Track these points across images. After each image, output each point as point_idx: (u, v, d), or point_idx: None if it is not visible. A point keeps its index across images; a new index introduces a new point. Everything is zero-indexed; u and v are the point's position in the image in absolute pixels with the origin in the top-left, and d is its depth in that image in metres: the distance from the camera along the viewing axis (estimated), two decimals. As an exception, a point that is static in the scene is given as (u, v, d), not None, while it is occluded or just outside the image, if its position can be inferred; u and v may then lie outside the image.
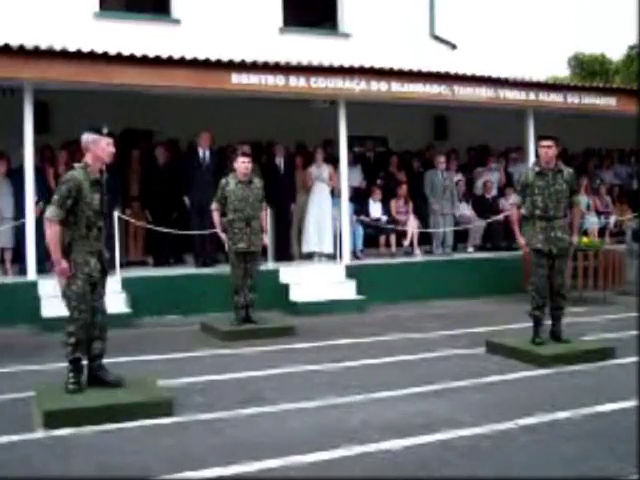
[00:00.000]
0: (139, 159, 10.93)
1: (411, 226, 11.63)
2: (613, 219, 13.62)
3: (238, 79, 9.64)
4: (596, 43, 52.95)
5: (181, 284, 9.80)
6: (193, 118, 10.83)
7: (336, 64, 10.17)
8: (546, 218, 6.96)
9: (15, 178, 9.54)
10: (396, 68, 10.51)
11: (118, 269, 9.36)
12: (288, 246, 11.44)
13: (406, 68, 10.59)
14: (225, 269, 8.96)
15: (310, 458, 4.31)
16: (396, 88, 10.55)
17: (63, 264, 5.23)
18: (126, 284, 9.31)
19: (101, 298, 5.51)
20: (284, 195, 11.09)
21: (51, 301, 8.40)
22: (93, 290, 5.40)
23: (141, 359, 6.99)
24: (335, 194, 11.24)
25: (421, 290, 10.86)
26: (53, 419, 4.88)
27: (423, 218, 11.90)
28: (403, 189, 11.91)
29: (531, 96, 11.55)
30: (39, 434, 4.78)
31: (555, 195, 6.93)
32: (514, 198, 7.33)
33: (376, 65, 10.39)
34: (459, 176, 12.74)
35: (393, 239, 11.60)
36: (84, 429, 4.83)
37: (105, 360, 5.61)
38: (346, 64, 10.21)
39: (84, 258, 5.33)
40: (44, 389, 5.41)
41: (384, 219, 11.67)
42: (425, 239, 12.01)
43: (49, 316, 8.34)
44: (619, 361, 6.77)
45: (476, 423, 4.94)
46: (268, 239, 9.29)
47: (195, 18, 13.42)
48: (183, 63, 9.31)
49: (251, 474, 4.11)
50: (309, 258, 11.32)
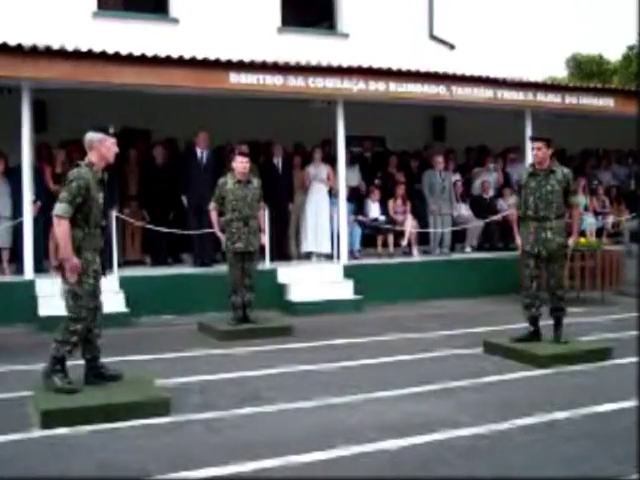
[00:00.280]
0: (137, 158, 10.92)
1: (409, 226, 11.62)
2: (611, 220, 13.63)
3: (236, 79, 9.63)
4: (594, 44, 53.12)
5: (179, 284, 9.79)
6: (191, 118, 10.81)
7: (334, 64, 10.16)
8: (537, 219, 6.97)
9: (13, 177, 9.51)
10: (394, 68, 10.51)
11: (116, 268, 9.36)
12: (286, 246, 11.43)
13: (404, 68, 10.58)
14: (223, 269, 8.95)
15: (307, 458, 4.31)
16: (394, 88, 10.54)
17: (74, 261, 5.21)
18: (124, 283, 9.30)
19: (100, 296, 5.54)
20: (282, 195, 11.08)
21: (48, 300, 8.39)
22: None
23: (138, 358, 6.98)
24: (333, 194, 11.24)
25: (419, 290, 10.86)
26: (50, 419, 4.87)
27: (421, 218, 11.89)
28: (401, 189, 11.91)
29: (529, 97, 11.55)
30: (36, 434, 4.77)
31: (546, 196, 6.92)
32: (513, 199, 7.36)
33: (374, 65, 10.39)
34: (457, 176, 12.74)
35: (391, 239, 11.60)
36: (81, 428, 4.82)
37: (103, 359, 5.62)
38: (344, 64, 10.21)
39: (92, 256, 5.37)
40: (41, 388, 5.39)
41: (382, 219, 11.66)
42: (423, 239, 12.01)
43: (46, 315, 8.32)
44: (618, 361, 6.77)
45: (474, 423, 4.94)
46: (266, 239, 9.28)
47: (193, 18, 13.41)
48: (181, 63, 9.30)
49: (248, 474, 4.10)
50: (307, 258, 11.31)
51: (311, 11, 15.41)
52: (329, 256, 11.17)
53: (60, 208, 5.19)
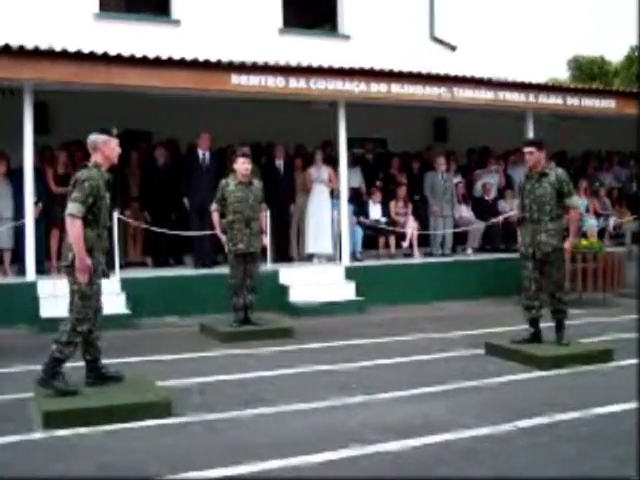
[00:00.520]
0: (138, 160, 10.93)
1: (410, 228, 11.62)
2: (612, 221, 13.62)
3: (238, 80, 9.64)
4: (595, 45, 53.09)
5: (180, 285, 9.80)
6: (193, 119, 10.82)
7: (336, 66, 10.16)
8: (532, 221, 7.02)
9: (14, 179, 9.52)
10: (396, 70, 10.51)
11: (117, 270, 9.36)
12: (287, 247, 11.43)
13: (406, 70, 10.59)
14: (224, 270, 8.95)
15: (308, 459, 4.30)
16: (396, 90, 10.54)
17: (88, 261, 5.21)
18: (125, 285, 9.31)
19: (100, 297, 5.55)
20: (284, 196, 11.09)
21: (50, 301, 8.40)
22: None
23: (140, 360, 6.98)
24: (335, 195, 11.24)
25: (420, 292, 10.86)
26: (52, 420, 4.87)
27: (422, 220, 11.90)
28: (402, 190, 11.91)
29: (530, 98, 11.55)
30: (38, 434, 4.77)
31: (539, 199, 6.97)
32: (518, 201, 7.43)
33: (376, 67, 10.40)
34: (458, 178, 12.75)
35: (392, 241, 11.60)
36: (83, 429, 4.83)
37: (104, 361, 5.63)
38: (346, 66, 10.21)
39: (102, 256, 5.42)
40: (43, 390, 5.40)
41: (383, 220, 11.67)
42: (424, 241, 12.01)
43: (48, 317, 8.31)
44: (618, 363, 6.76)
45: (475, 425, 4.93)
46: (267, 240, 9.29)
47: (195, 19, 13.42)
48: (183, 64, 9.31)
49: (250, 475, 4.10)
50: (308, 259, 11.31)
51: (312, 13, 15.42)
52: (331, 258, 11.17)
53: (74, 207, 5.20)
